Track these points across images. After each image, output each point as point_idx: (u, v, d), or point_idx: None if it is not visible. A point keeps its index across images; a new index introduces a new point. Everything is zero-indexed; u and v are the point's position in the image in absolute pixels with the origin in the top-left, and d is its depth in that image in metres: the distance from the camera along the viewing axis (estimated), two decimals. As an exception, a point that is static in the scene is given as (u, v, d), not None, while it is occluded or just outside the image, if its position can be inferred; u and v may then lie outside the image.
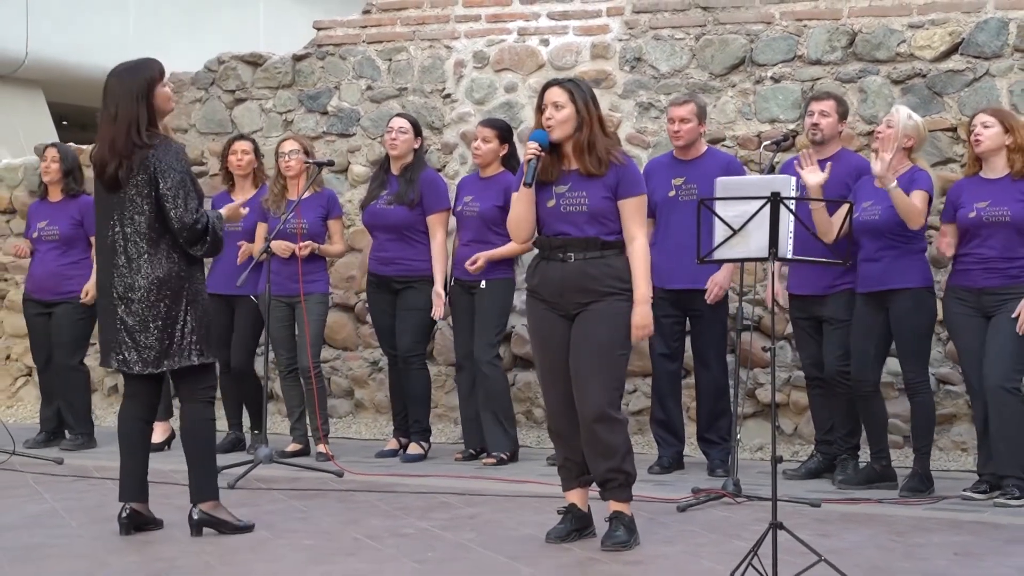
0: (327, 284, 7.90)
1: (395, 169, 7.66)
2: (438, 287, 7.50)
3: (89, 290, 7.86)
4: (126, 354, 5.55)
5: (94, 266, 7.92)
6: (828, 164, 6.53)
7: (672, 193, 7.01)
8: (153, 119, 5.57)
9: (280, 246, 7.49)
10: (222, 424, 7.49)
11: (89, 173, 9.37)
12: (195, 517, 5.55)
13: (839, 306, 6.74)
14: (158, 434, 8.04)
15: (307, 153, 7.73)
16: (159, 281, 5.49)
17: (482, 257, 7.32)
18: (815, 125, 6.86)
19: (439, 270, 7.53)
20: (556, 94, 5.29)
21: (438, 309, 7.50)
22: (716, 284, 6.91)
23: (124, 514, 5.60)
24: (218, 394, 6.29)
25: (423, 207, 7.55)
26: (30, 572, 4.95)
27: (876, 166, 6.33)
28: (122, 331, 5.52)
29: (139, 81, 5.55)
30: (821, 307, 6.81)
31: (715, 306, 6.97)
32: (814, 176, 6.42)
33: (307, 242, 7.58)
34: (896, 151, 6.46)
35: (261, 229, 7.69)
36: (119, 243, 5.51)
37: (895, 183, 6.31)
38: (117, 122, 5.48)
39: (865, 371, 6.61)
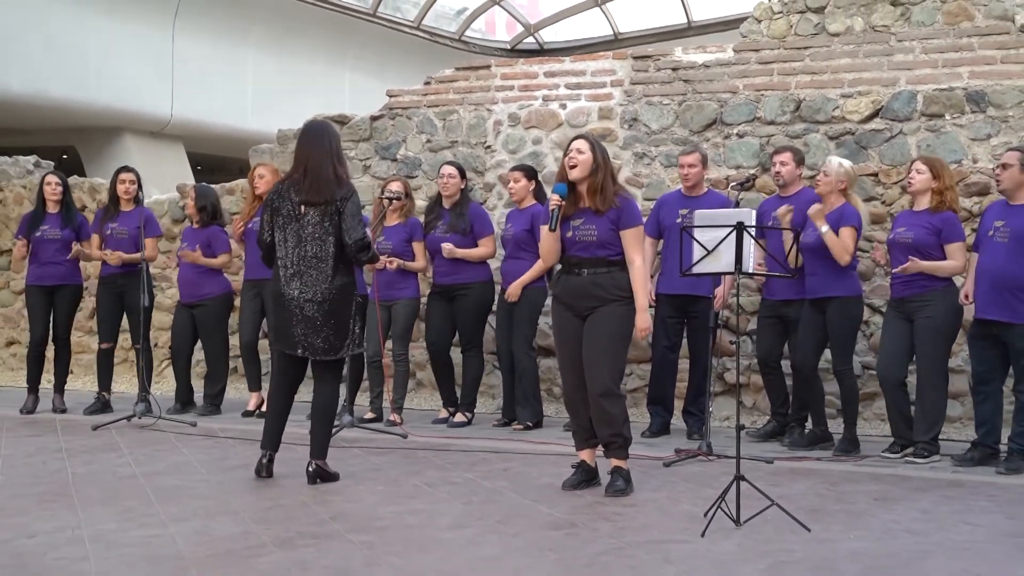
0: (416, 291, 7.77)
1: (446, 204, 7.64)
2: (461, 252, 7.45)
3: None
4: (309, 343, 5.52)
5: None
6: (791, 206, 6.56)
7: (678, 220, 6.96)
8: (341, 166, 5.60)
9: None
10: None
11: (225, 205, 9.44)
12: (311, 469, 5.53)
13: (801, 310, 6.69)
14: (253, 402, 8.08)
15: (407, 194, 7.68)
16: (344, 286, 5.51)
17: (514, 287, 7.31)
18: (777, 172, 6.86)
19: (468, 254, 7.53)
20: (580, 143, 5.32)
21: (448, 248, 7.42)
22: (720, 296, 6.85)
23: (265, 459, 5.61)
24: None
25: (474, 233, 7.53)
26: (172, 506, 4.97)
27: (815, 224, 6.40)
28: (310, 325, 5.51)
29: (327, 138, 5.56)
30: (785, 310, 6.76)
31: (707, 311, 6.91)
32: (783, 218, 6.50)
33: (393, 259, 7.51)
34: (832, 195, 6.47)
35: None
36: (311, 254, 5.48)
37: (827, 228, 6.32)
38: (313, 166, 5.50)
39: (807, 358, 6.59)
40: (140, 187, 8.07)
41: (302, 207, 5.48)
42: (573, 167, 5.27)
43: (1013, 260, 5.93)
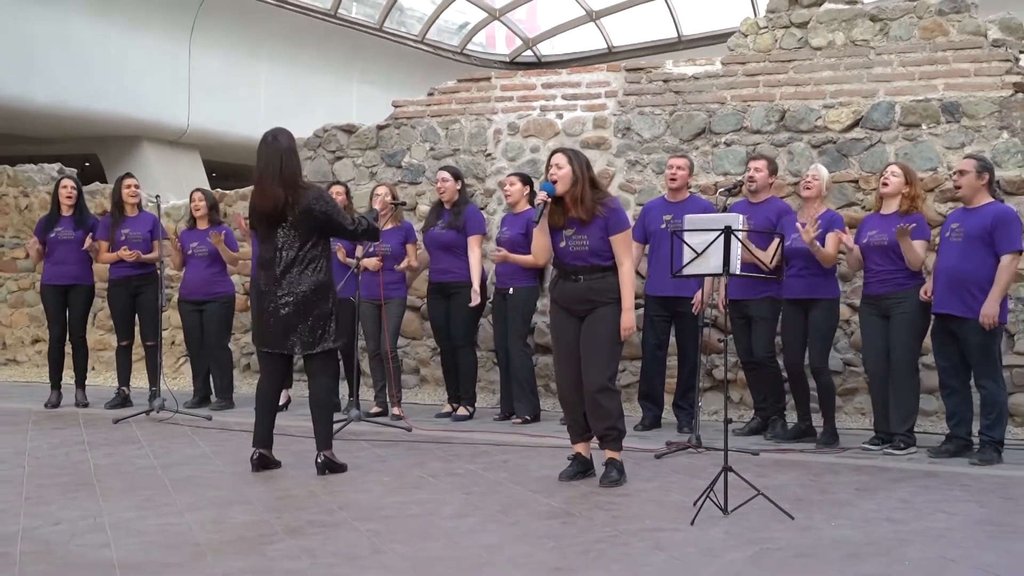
0: (405, 291, 7.85)
1: (447, 205, 7.66)
2: (476, 286, 7.45)
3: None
4: (291, 340, 5.52)
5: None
6: (817, 221, 6.44)
7: (663, 226, 6.99)
8: (300, 170, 5.58)
9: (370, 263, 7.50)
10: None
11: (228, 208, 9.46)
12: (320, 460, 5.53)
13: (762, 308, 6.72)
14: (281, 398, 8.08)
15: (394, 197, 7.72)
16: (317, 286, 5.50)
17: (506, 255, 7.25)
18: (751, 177, 6.88)
19: (476, 274, 7.48)
20: (558, 158, 5.31)
21: (476, 299, 7.45)
22: (697, 301, 6.85)
23: (255, 456, 5.60)
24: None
25: (466, 231, 7.54)
26: (188, 496, 4.97)
27: (805, 236, 6.30)
28: (286, 324, 5.51)
29: (286, 143, 5.54)
30: (748, 308, 6.77)
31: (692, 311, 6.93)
32: (807, 236, 6.31)
33: (408, 264, 7.60)
34: (816, 199, 6.49)
35: (358, 250, 7.66)
36: (285, 259, 5.48)
37: (816, 244, 6.32)
38: (281, 175, 5.47)
39: (795, 357, 6.61)
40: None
41: (275, 208, 5.51)
42: (555, 182, 5.27)
43: (966, 258, 5.97)
